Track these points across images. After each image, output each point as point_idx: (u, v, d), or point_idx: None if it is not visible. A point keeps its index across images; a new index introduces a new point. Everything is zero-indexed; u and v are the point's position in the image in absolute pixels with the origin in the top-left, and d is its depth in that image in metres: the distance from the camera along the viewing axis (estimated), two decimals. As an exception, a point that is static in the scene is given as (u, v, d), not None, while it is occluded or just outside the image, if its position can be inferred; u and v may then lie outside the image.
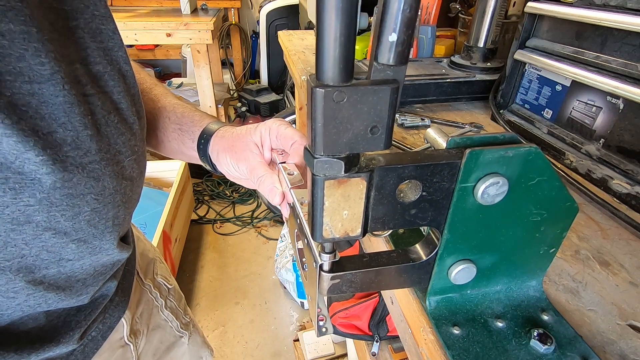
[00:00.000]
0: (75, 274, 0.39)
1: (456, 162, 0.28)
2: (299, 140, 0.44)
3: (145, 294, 0.63)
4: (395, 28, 0.20)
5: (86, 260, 0.39)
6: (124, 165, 0.40)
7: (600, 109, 0.57)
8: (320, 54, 0.20)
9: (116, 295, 0.50)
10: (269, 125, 0.45)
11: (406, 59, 0.22)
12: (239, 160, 0.46)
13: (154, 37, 2.00)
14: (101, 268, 0.42)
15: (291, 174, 0.42)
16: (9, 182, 0.30)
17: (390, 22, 0.20)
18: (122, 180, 0.40)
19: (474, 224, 0.32)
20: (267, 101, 2.95)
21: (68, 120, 0.33)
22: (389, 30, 0.20)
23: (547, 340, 0.33)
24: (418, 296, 0.39)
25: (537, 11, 0.66)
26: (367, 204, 0.28)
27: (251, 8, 3.45)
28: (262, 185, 0.43)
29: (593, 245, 0.45)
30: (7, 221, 0.31)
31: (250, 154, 0.45)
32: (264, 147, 0.46)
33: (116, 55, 0.39)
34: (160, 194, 1.90)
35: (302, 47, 1.21)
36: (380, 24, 0.21)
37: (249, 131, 0.47)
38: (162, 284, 0.68)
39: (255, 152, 0.45)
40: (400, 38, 0.21)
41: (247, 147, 0.46)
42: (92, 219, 0.37)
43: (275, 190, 0.41)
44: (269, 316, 1.78)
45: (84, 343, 0.46)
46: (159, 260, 0.71)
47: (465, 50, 0.87)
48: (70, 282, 0.39)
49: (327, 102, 0.21)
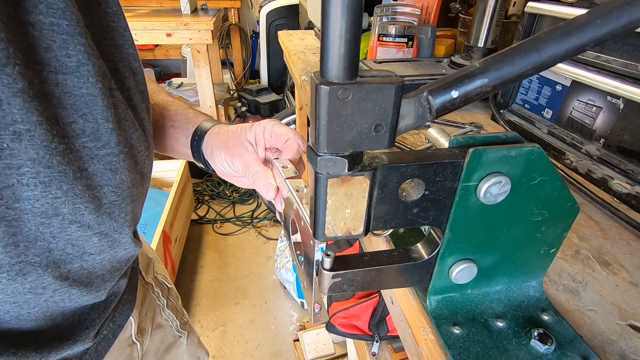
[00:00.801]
0: (95, 270, 0.40)
1: (459, 161, 0.28)
2: (292, 137, 0.44)
3: (148, 293, 0.63)
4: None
5: (106, 255, 0.40)
6: (137, 159, 0.40)
7: (600, 109, 0.57)
8: (325, 51, 0.20)
9: (125, 294, 0.51)
10: (264, 125, 0.46)
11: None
12: (234, 157, 0.46)
13: (154, 37, 2.00)
14: (117, 264, 0.43)
15: (285, 167, 0.43)
16: (40, 175, 0.31)
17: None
18: (136, 174, 0.40)
19: (475, 223, 0.32)
20: (267, 101, 2.95)
21: (89, 112, 0.33)
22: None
23: (547, 340, 0.33)
24: (418, 296, 0.39)
25: (537, 11, 0.66)
26: (370, 203, 0.28)
27: (251, 8, 3.45)
28: (257, 182, 0.43)
29: (593, 245, 0.46)
30: (37, 214, 0.32)
31: (245, 152, 0.46)
32: (258, 146, 0.47)
33: (127, 52, 0.39)
34: (160, 194, 1.90)
35: (302, 47, 1.21)
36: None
37: (244, 129, 0.47)
38: (164, 284, 0.69)
39: (249, 150, 0.46)
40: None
41: (241, 144, 0.46)
42: (112, 211, 0.38)
43: (270, 186, 0.42)
44: (269, 316, 1.78)
45: (97, 341, 0.46)
46: (157, 260, 0.71)
47: (465, 50, 0.87)
48: (91, 278, 0.40)
49: (331, 99, 0.21)
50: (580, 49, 0.22)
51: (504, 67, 0.23)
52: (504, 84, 0.23)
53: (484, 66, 0.23)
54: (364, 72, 0.22)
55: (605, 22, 0.21)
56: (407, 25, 0.90)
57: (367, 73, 0.22)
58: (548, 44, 0.22)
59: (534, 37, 0.23)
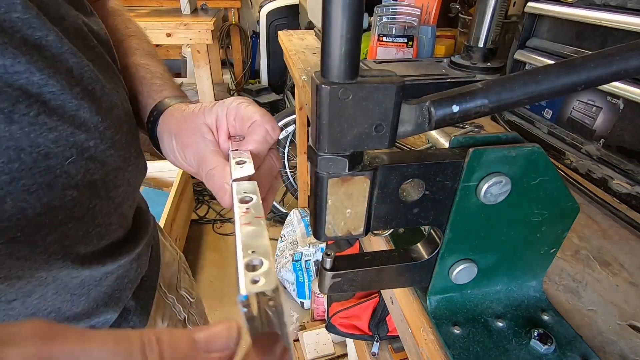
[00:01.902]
0: None
1: (459, 161, 0.28)
2: (258, 121, 0.34)
3: (169, 308, 0.58)
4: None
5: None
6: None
7: (600, 109, 0.57)
8: (326, 51, 0.20)
9: (134, 316, 0.47)
10: (227, 105, 0.36)
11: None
12: (186, 147, 0.37)
13: (154, 37, 2.00)
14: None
15: (241, 163, 0.32)
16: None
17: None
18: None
19: (476, 223, 0.32)
20: (267, 101, 2.95)
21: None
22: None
23: (547, 340, 0.33)
24: (418, 296, 0.39)
25: (537, 11, 0.66)
26: (370, 203, 0.28)
27: (251, 8, 3.45)
28: (211, 182, 0.34)
29: (593, 245, 0.46)
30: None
31: (200, 140, 0.36)
32: (220, 131, 0.36)
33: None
34: (160, 194, 1.90)
35: (302, 47, 1.21)
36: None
37: (202, 111, 0.37)
38: (185, 297, 0.64)
39: (207, 137, 0.36)
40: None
41: (197, 130, 0.36)
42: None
43: (225, 189, 0.32)
44: (269, 316, 1.77)
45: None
46: (184, 270, 0.66)
47: (465, 50, 0.87)
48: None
49: (332, 99, 0.21)
50: (573, 87, 0.24)
51: (504, 92, 0.24)
52: (501, 107, 0.25)
53: (486, 87, 0.24)
54: (364, 72, 0.22)
55: (597, 68, 0.24)
56: (407, 25, 0.90)
57: (367, 73, 0.22)
58: (545, 78, 0.24)
59: (534, 70, 0.25)
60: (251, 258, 0.20)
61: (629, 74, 0.24)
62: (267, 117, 0.35)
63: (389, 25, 0.90)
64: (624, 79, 0.24)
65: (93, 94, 0.33)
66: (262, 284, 0.19)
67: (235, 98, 0.36)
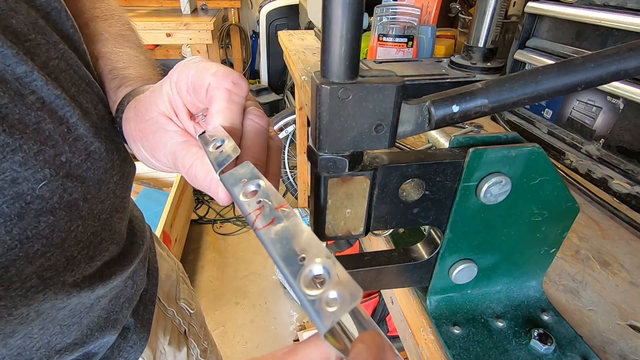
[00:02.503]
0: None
1: (459, 161, 0.28)
2: (213, 82, 0.27)
3: (170, 321, 0.56)
4: None
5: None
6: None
7: (600, 109, 0.57)
8: (325, 51, 0.20)
9: (134, 334, 0.45)
10: (175, 77, 0.28)
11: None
12: (154, 150, 0.30)
13: (154, 37, 2.00)
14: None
15: (218, 146, 0.25)
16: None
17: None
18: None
19: (476, 223, 0.32)
20: (267, 101, 2.95)
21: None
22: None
23: (547, 340, 0.33)
24: (418, 296, 0.39)
25: (537, 11, 0.66)
26: (370, 203, 0.28)
27: (251, 8, 3.45)
28: (195, 181, 0.28)
29: (593, 245, 0.46)
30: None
31: (164, 135, 0.29)
32: (179, 114, 0.29)
33: None
34: (160, 194, 1.90)
35: (302, 47, 1.21)
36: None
37: (153, 98, 0.30)
38: (185, 309, 0.61)
39: (169, 129, 0.29)
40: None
41: (156, 125, 0.30)
42: None
43: (214, 186, 0.26)
44: (269, 316, 1.77)
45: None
46: (182, 280, 0.63)
47: (465, 50, 0.87)
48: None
49: (332, 99, 0.21)
50: (573, 87, 0.24)
51: (504, 92, 0.24)
52: (501, 107, 0.25)
53: (485, 87, 0.24)
54: (364, 72, 0.22)
55: (597, 68, 0.24)
56: (407, 25, 0.90)
57: (367, 73, 0.22)
58: (545, 78, 0.24)
59: (534, 70, 0.25)
60: (308, 270, 0.14)
61: (629, 74, 0.24)
62: (221, 72, 0.27)
63: (389, 25, 0.90)
64: (623, 79, 0.24)
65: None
66: (338, 309, 0.13)
67: (184, 62, 0.29)
